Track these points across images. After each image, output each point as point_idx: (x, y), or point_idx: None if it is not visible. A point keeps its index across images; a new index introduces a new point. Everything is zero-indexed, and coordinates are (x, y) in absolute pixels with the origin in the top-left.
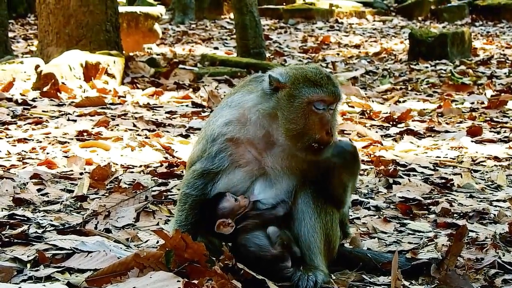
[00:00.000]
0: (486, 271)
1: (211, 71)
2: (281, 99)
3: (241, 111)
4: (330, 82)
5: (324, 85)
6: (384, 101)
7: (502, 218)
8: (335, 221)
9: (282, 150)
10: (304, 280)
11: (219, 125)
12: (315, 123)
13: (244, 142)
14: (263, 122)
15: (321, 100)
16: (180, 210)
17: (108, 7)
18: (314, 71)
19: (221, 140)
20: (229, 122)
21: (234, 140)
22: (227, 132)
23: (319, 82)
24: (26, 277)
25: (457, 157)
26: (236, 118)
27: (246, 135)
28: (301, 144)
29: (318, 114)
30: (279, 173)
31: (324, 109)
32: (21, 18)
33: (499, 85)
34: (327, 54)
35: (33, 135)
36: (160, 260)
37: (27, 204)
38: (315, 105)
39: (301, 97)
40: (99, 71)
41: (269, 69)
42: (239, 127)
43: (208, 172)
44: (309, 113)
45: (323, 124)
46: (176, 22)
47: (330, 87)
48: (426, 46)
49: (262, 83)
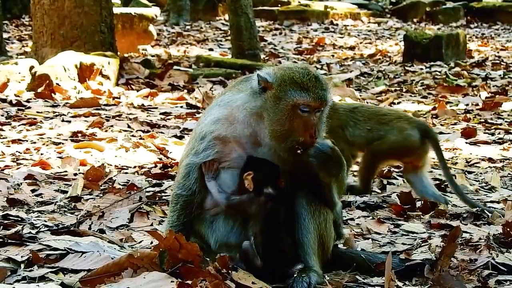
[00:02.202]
0: (480, 272)
1: (206, 73)
2: (267, 99)
3: (230, 110)
4: (317, 84)
5: (310, 88)
6: (379, 102)
7: (496, 219)
8: (329, 222)
9: (268, 150)
10: (298, 281)
11: (207, 124)
12: (299, 125)
13: (231, 141)
14: (250, 121)
15: (307, 104)
16: (172, 210)
17: (102, 8)
18: (301, 72)
19: (209, 138)
20: (217, 120)
21: (222, 138)
22: (214, 130)
23: (306, 85)
24: (20, 278)
25: (451, 158)
26: (224, 116)
27: (233, 133)
28: (285, 145)
29: (303, 117)
30: None
31: (309, 111)
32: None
33: (493, 87)
34: (322, 55)
35: (27, 136)
36: (154, 260)
37: (21, 205)
38: (301, 108)
39: (287, 99)
40: (94, 72)
41: (259, 69)
42: (227, 125)
43: (193, 167)
44: (294, 116)
45: (308, 127)
46: (171, 24)
47: (317, 90)
48: (421, 48)
49: (251, 83)
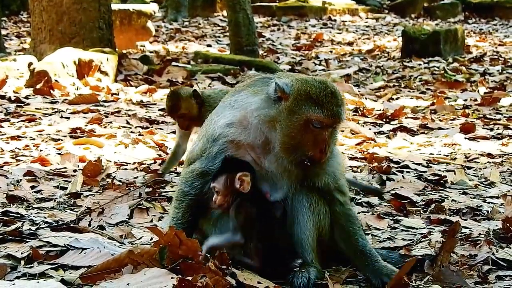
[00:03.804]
0: (480, 267)
1: (204, 69)
2: (282, 111)
3: (243, 113)
4: (333, 101)
5: (325, 104)
6: (377, 98)
7: (496, 215)
8: (328, 219)
9: (275, 160)
10: (298, 276)
11: (221, 126)
12: (310, 140)
13: (244, 145)
14: (263, 128)
15: (320, 120)
16: (177, 207)
17: (101, 5)
18: (319, 86)
19: (222, 141)
20: (231, 123)
21: (235, 142)
22: (228, 134)
23: (321, 101)
24: (20, 274)
25: (450, 154)
26: (238, 120)
27: (247, 139)
28: (293, 158)
29: (315, 132)
30: (276, 177)
31: (322, 127)
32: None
33: (492, 82)
34: (320, 51)
35: (26, 132)
36: (154, 257)
37: (20, 201)
38: (313, 123)
39: (301, 114)
40: (92, 69)
41: (277, 76)
42: (241, 130)
43: (208, 172)
44: (306, 130)
45: (318, 142)
46: (169, 20)
47: (332, 107)
48: (419, 43)
49: (268, 88)
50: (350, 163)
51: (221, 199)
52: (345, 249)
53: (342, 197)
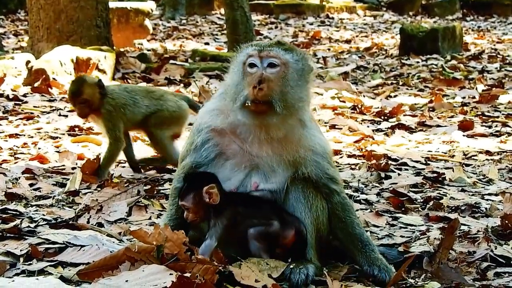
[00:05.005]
0: (478, 264)
1: (202, 67)
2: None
3: (223, 101)
4: (269, 42)
5: (258, 44)
6: (376, 96)
7: (494, 212)
8: (326, 215)
9: (248, 130)
10: (295, 273)
11: (202, 115)
12: (247, 82)
13: (227, 132)
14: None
15: (250, 55)
16: (171, 204)
17: (98, 3)
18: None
19: (205, 130)
20: (211, 110)
21: (218, 130)
22: (208, 121)
23: (256, 43)
24: (19, 271)
25: (448, 151)
26: (218, 107)
27: (228, 124)
28: (237, 104)
29: (251, 73)
30: (270, 167)
31: (256, 66)
32: (12, 14)
33: (490, 80)
34: (318, 49)
35: (24, 130)
36: (151, 253)
37: (19, 199)
38: (248, 62)
39: (236, 60)
40: (90, 67)
41: None
42: (222, 117)
43: (197, 166)
44: (245, 74)
45: (252, 80)
46: (166, 18)
47: (263, 44)
48: (417, 41)
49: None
50: (348, 161)
51: (192, 216)
52: (342, 237)
53: (336, 186)
